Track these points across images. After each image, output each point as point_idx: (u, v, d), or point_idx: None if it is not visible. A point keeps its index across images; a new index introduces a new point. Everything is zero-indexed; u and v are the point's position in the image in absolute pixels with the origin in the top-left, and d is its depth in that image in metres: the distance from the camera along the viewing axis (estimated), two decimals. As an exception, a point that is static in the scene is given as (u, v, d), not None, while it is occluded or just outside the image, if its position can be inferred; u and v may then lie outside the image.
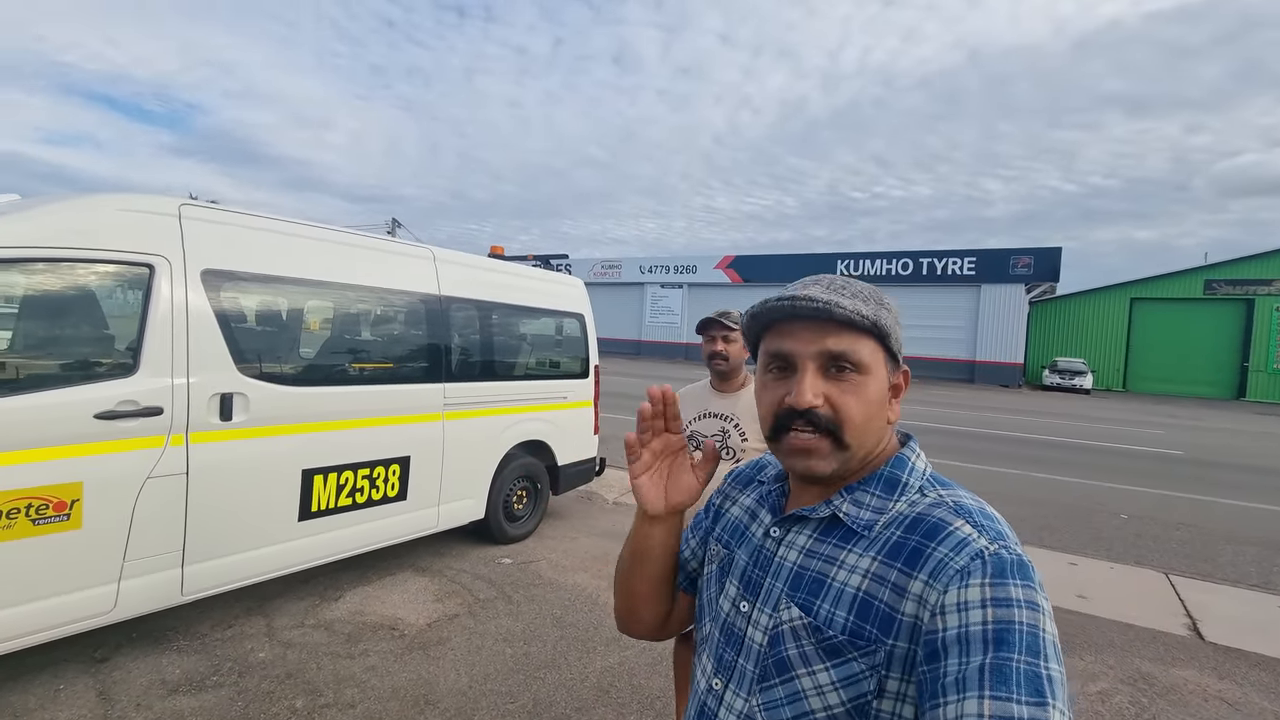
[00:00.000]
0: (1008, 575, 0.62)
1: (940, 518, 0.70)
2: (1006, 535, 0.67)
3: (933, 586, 0.64)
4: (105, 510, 2.54)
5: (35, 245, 2.42)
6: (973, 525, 0.68)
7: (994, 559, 0.63)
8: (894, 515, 0.73)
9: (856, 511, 0.75)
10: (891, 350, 0.77)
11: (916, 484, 0.76)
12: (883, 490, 0.76)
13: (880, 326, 0.74)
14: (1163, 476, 8.74)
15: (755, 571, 0.81)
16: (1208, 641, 3.67)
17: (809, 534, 0.78)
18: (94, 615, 2.55)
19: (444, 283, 4.16)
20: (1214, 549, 5.52)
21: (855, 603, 0.69)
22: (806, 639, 0.71)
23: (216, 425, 2.87)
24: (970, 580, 0.62)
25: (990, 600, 0.60)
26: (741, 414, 2.24)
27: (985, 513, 0.70)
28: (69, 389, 2.49)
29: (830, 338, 0.73)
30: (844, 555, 0.73)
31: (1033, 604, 0.60)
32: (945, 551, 0.66)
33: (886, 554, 0.70)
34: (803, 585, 0.75)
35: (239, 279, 3.05)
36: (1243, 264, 28.48)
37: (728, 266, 32.70)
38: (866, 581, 0.70)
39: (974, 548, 0.65)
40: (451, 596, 3.71)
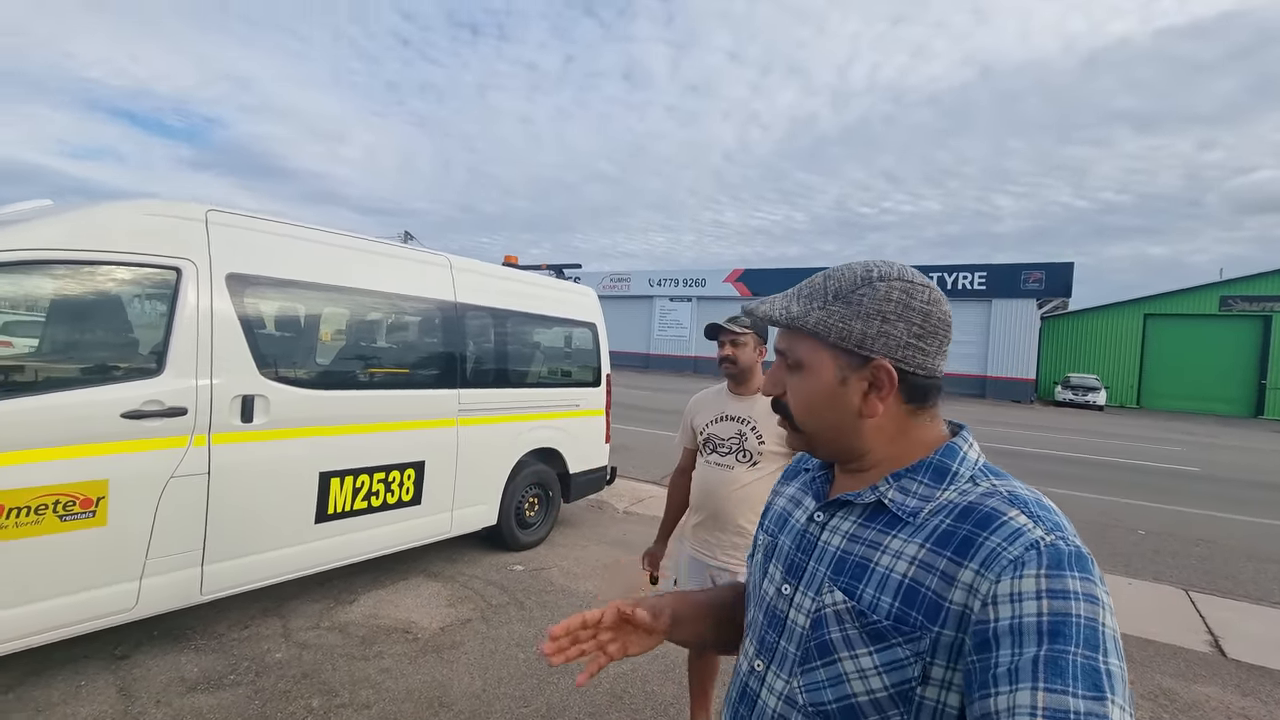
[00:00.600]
0: (1065, 567, 0.60)
1: (994, 507, 0.68)
2: (1064, 526, 0.65)
3: (984, 576, 0.63)
4: (130, 508, 2.58)
5: (67, 248, 2.48)
6: (1028, 515, 0.66)
7: (1050, 550, 0.62)
8: (942, 503, 0.72)
9: (902, 498, 0.74)
10: (838, 346, 0.76)
11: (967, 473, 0.74)
12: (930, 478, 0.75)
13: (798, 326, 0.78)
14: (1180, 493, 8.62)
15: (798, 555, 0.82)
16: (1230, 658, 3.61)
17: (853, 519, 0.78)
18: (116, 612, 2.58)
19: (460, 290, 4.21)
20: (1234, 566, 5.44)
21: (901, 589, 0.69)
22: (850, 623, 0.72)
23: (238, 426, 2.92)
24: (1025, 571, 0.61)
25: (1046, 591, 0.59)
26: (759, 417, 2.25)
27: (1042, 503, 0.69)
28: (97, 388, 2.54)
29: (781, 336, 0.83)
30: (889, 541, 0.73)
31: (1091, 597, 0.58)
32: (998, 541, 0.64)
33: (935, 541, 0.69)
34: (846, 569, 0.75)
35: (262, 283, 3.11)
36: (1259, 280, 28.18)
37: (737, 280, 32.75)
38: (913, 568, 0.69)
39: (1029, 538, 0.63)
40: (464, 601, 3.71)
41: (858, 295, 0.76)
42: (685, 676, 2.75)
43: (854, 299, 0.76)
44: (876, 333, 0.74)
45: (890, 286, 0.75)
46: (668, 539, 2.59)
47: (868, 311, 0.75)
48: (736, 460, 2.25)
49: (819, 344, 0.77)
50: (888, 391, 0.75)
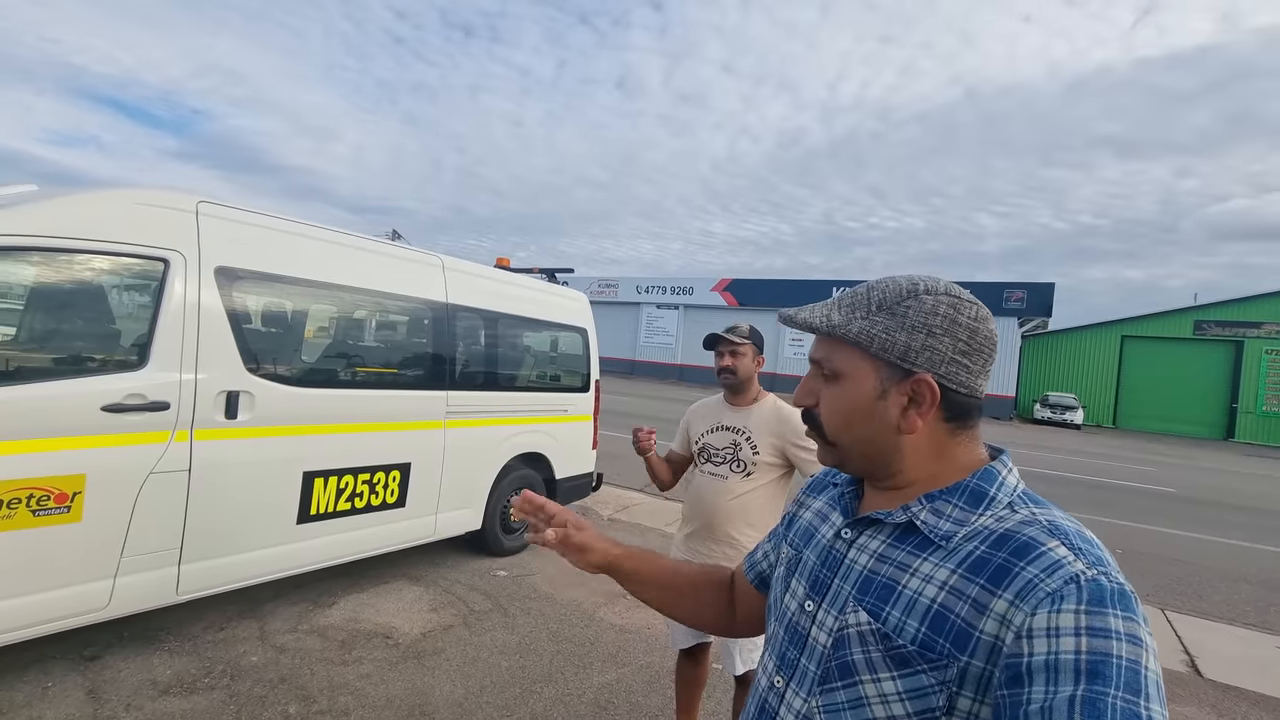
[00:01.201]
0: (1108, 604, 0.57)
1: (1032, 536, 0.65)
2: (1107, 561, 0.63)
3: (1019, 608, 0.60)
4: (106, 504, 2.50)
5: (53, 235, 2.41)
6: (1069, 547, 0.63)
7: (1091, 585, 0.59)
8: (977, 528, 0.70)
9: (935, 521, 0.72)
10: (883, 359, 0.74)
11: (1005, 499, 0.72)
12: (966, 502, 0.72)
13: (841, 335, 0.76)
14: (1156, 513, 8.76)
15: (823, 572, 0.80)
16: (1206, 679, 3.66)
17: (882, 539, 0.76)
18: (87, 611, 2.50)
19: (452, 291, 4.17)
20: (1209, 587, 5.53)
21: (929, 614, 0.67)
22: (874, 645, 0.69)
23: (221, 423, 2.85)
24: (1063, 605, 0.58)
25: (1085, 629, 0.56)
26: (754, 428, 2.25)
27: (1084, 535, 0.66)
28: (77, 380, 2.47)
29: (817, 345, 0.81)
30: (919, 564, 0.71)
31: (1135, 638, 0.56)
32: (1035, 572, 0.62)
33: (968, 568, 0.67)
34: (872, 589, 0.73)
35: (252, 278, 3.05)
36: (1232, 306, 28.89)
37: (724, 289, 32.88)
38: (943, 593, 0.67)
39: (1069, 571, 0.60)
40: (446, 607, 3.66)
41: (903, 307, 0.75)
42: (672, 688, 2.72)
43: (899, 310, 0.75)
44: (921, 346, 0.73)
45: (937, 300, 0.74)
46: None
47: (913, 324, 0.73)
48: (731, 470, 2.25)
49: (860, 354, 0.76)
50: (928, 407, 0.74)
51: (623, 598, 4.00)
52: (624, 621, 3.68)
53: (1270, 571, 6.19)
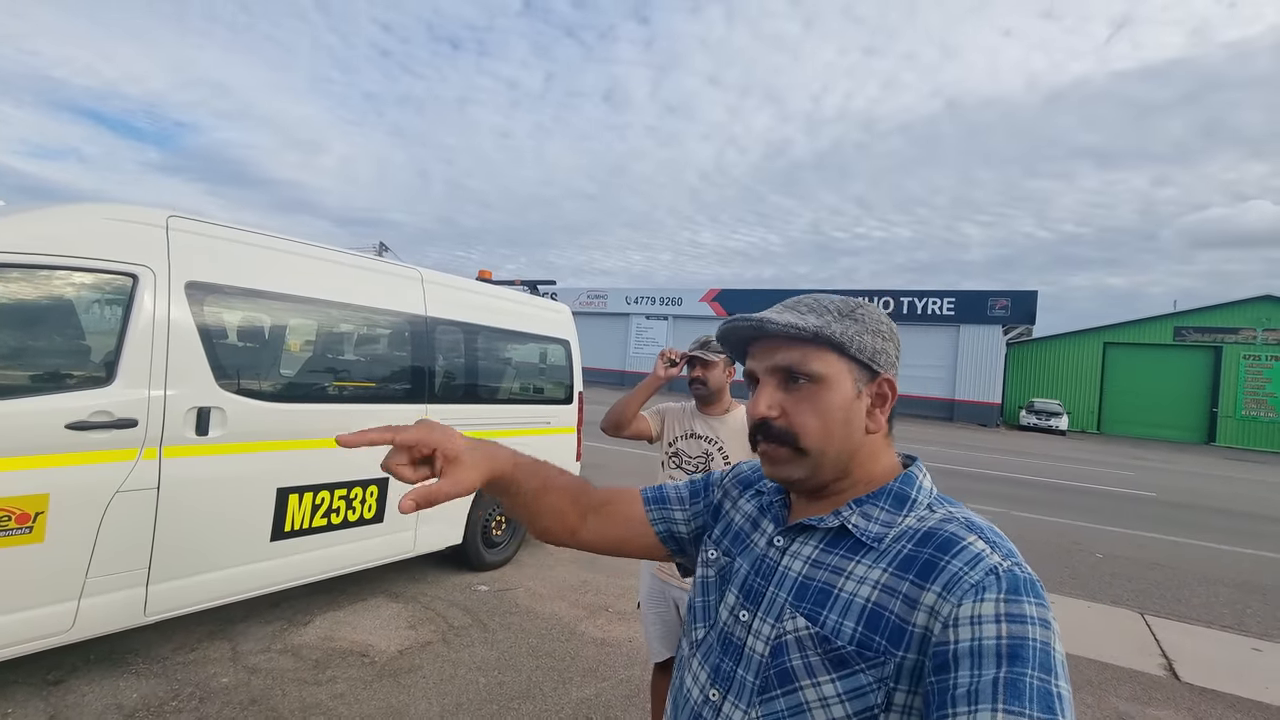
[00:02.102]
0: (1022, 593, 0.62)
1: (953, 532, 0.70)
2: (1017, 554, 0.68)
3: (946, 599, 0.64)
4: (70, 524, 2.46)
5: (17, 251, 2.39)
6: (985, 541, 0.68)
7: (1008, 575, 0.64)
8: (903, 529, 0.73)
9: (865, 524, 0.75)
10: (859, 360, 0.77)
11: (925, 501, 0.77)
12: (892, 505, 0.76)
13: (827, 336, 0.75)
14: (1136, 517, 8.85)
15: (757, 580, 0.81)
16: (1184, 682, 3.68)
17: (815, 544, 0.78)
18: (50, 635, 2.45)
19: (430, 304, 4.15)
20: (1188, 590, 5.58)
21: (864, 613, 0.69)
22: (813, 649, 0.70)
23: (192, 439, 2.81)
24: (985, 595, 0.62)
25: (1005, 615, 0.60)
26: (726, 438, 2.25)
27: (995, 530, 0.71)
28: (41, 398, 2.43)
29: (780, 352, 0.78)
30: (852, 566, 0.73)
31: (1045, 622, 0.60)
32: (959, 565, 0.66)
33: (898, 566, 0.70)
34: (808, 595, 0.74)
35: (223, 292, 3.03)
36: (1211, 312, 29.40)
37: (713, 300, 33.02)
38: (876, 592, 0.69)
39: (988, 563, 0.65)
40: (425, 623, 3.61)
41: (860, 313, 0.79)
42: (649, 702, 2.70)
43: (858, 316, 0.79)
44: (879, 349, 0.78)
45: (877, 309, 0.81)
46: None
47: (873, 329, 0.79)
48: None
49: (836, 357, 0.77)
50: (888, 407, 0.79)
51: (605, 611, 3.98)
52: (605, 635, 3.66)
53: (1247, 574, 6.26)
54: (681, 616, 2.35)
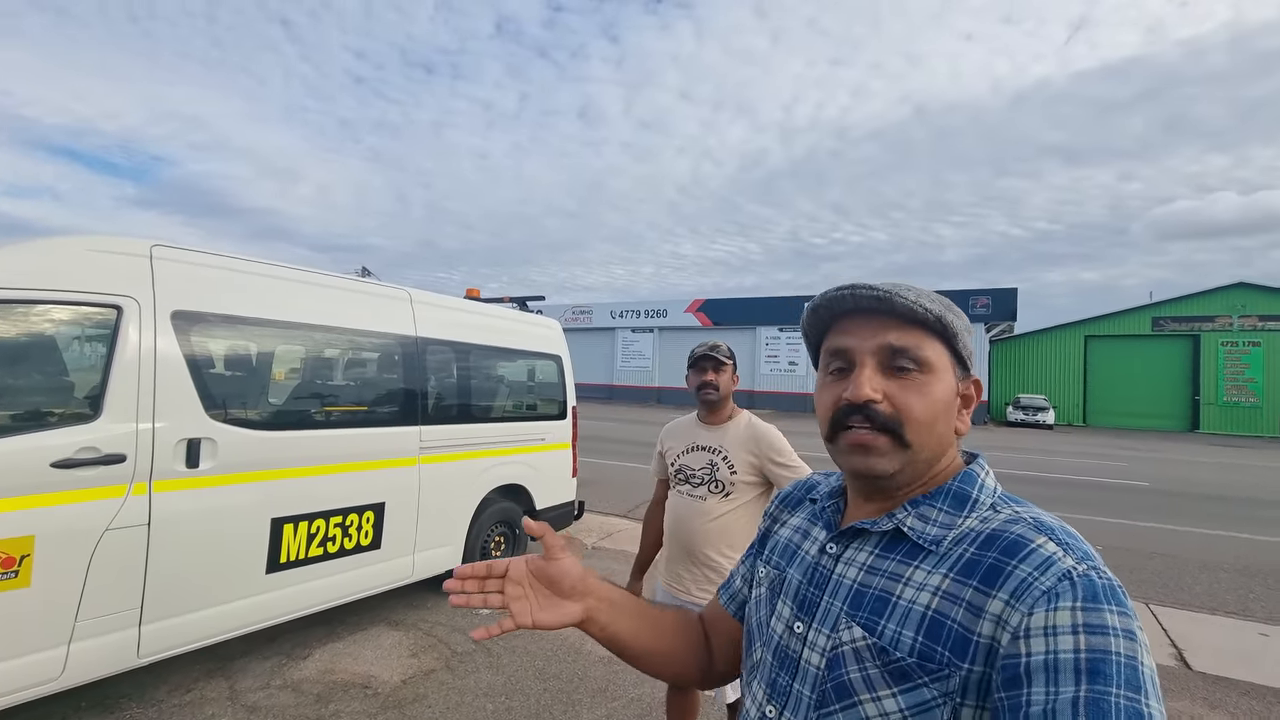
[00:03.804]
0: (1102, 600, 0.57)
1: (1020, 534, 0.65)
2: (1094, 557, 0.62)
3: (1015, 608, 0.59)
4: (58, 566, 2.36)
5: None
6: (1057, 543, 0.63)
7: (1084, 581, 0.58)
8: (964, 531, 0.69)
9: (923, 526, 0.70)
10: (960, 354, 0.74)
11: (988, 500, 0.72)
12: (951, 505, 0.71)
13: (945, 324, 0.71)
14: (1132, 507, 8.91)
15: (810, 590, 0.76)
16: (1196, 671, 3.68)
17: (870, 549, 0.73)
18: (39, 683, 2.34)
19: (421, 324, 4.10)
20: (1189, 577, 5.60)
21: (925, 622, 0.64)
22: (871, 661, 0.66)
23: (182, 473, 2.73)
24: (1059, 603, 0.57)
25: (1083, 626, 0.55)
26: (729, 446, 2.22)
27: (1068, 531, 0.66)
28: (24, 436, 2.34)
29: (892, 332, 0.72)
30: (910, 572, 0.68)
31: (1130, 633, 0.55)
32: (1028, 570, 0.61)
33: (960, 571, 0.65)
34: (865, 604, 0.69)
35: (210, 321, 2.96)
36: (1186, 301, 29.96)
37: (698, 310, 33.12)
38: (937, 599, 0.64)
39: (1061, 567, 0.60)
40: (428, 651, 3.52)
41: (957, 309, 0.75)
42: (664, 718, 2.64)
43: (957, 312, 0.75)
44: (970, 349, 0.76)
45: (962, 312, 0.77)
46: (643, 575, 2.50)
47: (967, 327, 0.76)
48: (709, 491, 2.21)
49: (944, 349, 0.73)
50: (972, 408, 0.77)
51: (610, 628, 3.91)
52: (611, 654, 3.58)
53: (1245, 558, 6.31)
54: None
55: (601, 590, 0.87)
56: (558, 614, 0.82)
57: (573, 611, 0.83)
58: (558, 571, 0.82)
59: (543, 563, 0.83)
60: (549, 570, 0.83)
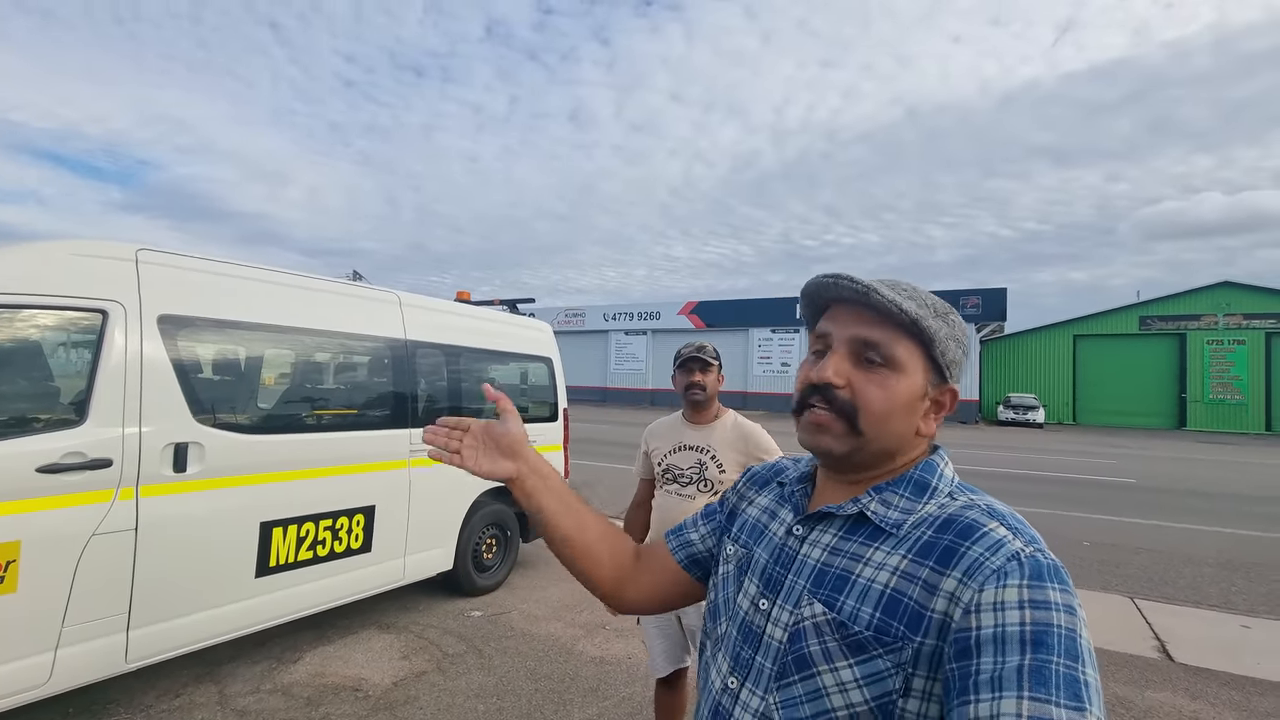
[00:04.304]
0: (1045, 578, 0.61)
1: (974, 519, 0.69)
2: (1040, 540, 0.67)
3: (967, 585, 0.63)
4: (44, 571, 2.36)
5: (-20, 291, 2.31)
6: (1007, 528, 0.67)
7: (1031, 561, 0.63)
8: (923, 516, 0.73)
9: (885, 510, 0.75)
10: (936, 360, 0.76)
11: (946, 489, 0.76)
12: (912, 492, 0.76)
13: (921, 327, 0.73)
14: (1119, 504, 9.00)
15: (776, 569, 0.80)
16: (1178, 663, 3.73)
17: (834, 532, 0.77)
18: (26, 689, 2.34)
19: (410, 327, 4.11)
20: (1174, 572, 5.68)
21: (883, 599, 0.68)
22: (830, 635, 0.70)
23: (169, 477, 2.73)
24: (1008, 581, 0.61)
25: (1029, 602, 0.60)
26: (717, 445, 2.25)
27: (1017, 517, 0.71)
28: (9, 442, 2.34)
29: (868, 326, 0.75)
30: (871, 553, 0.72)
31: (1070, 608, 0.60)
32: (981, 551, 0.65)
33: (917, 552, 0.69)
34: (826, 582, 0.74)
35: (198, 325, 2.96)
36: (1173, 301, 30.31)
37: (691, 312, 33.19)
38: (895, 578, 0.69)
39: (1010, 549, 0.64)
40: (419, 653, 3.53)
41: (951, 318, 0.78)
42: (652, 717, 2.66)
43: (950, 320, 0.77)
44: (955, 359, 0.78)
45: (963, 321, 0.80)
46: None
47: (957, 337, 0.78)
48: (698, 490, 2.23)
49: (919, 351, 0.76)
50: (943, 415, 0.79)
51: (602, 629, 3.92)
52: (603, 653, 3.60)
53: (1229, 552, 6.40)
54: (683, 628, 2.32)
55: (534, 460, 0.95)
56: (493, 466, 0.92)
57: (507, 467, 0.93)
58: (501, 431, 0.94)
59: (493, 423, 0.95)
60: (494, 429, 0.94)
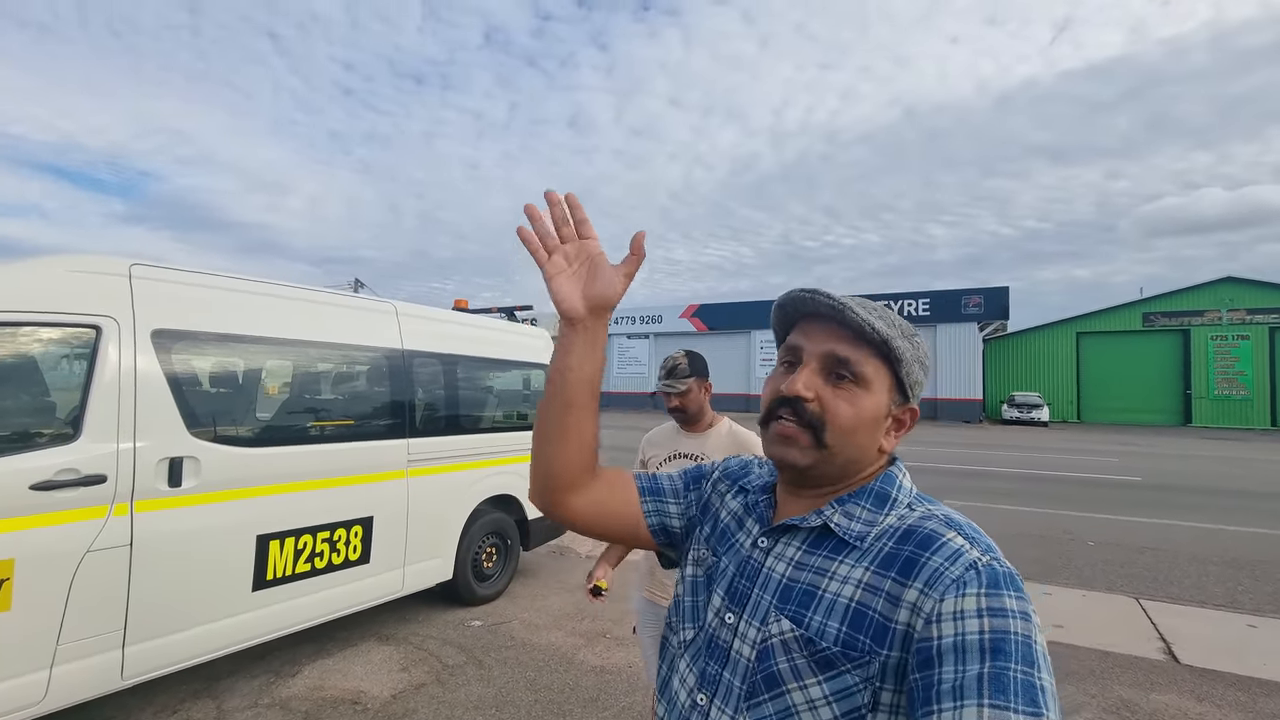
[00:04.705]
0: (1002, 586, 0.63)
1: (933, 529, 0.70)
2: (996, 549, 0.69)
3: (928, 595, 0.64)
4: (38, 589, 2.35)
5: (-28, 309, 2.32)
6: (965, 537, 0.69)
7: (988, 570, 0.64)
8: (884, 528, 0.74)
9: (848, 523, 0.75)
10: (902, 380, 0.78)
11: (905, 500, 0.77)
12: (873, 504, 0.77)
13: (891, 347, 0.75)
14: (1124, 503, 8.95)
15: (742, 582, 0.80)
16: (1183, 664, 3.70)
17: (798, 545, 0.78)
18: (21, 708, 2.33)
19: (407, 337, 4.11)
20: (1179, 571, 5.63)
21: (848, 613, 0.69)
22: (798, 652, 0.70)
23: (164, 492, 2.73)
24: (966, 590, 0.63)
25: (986, 610, 0.61)
26: (711, 452, 2.23)
27: (974, 526, 0.72)
28: (2, 459, 2.34)
29: (839, 343, 0.77)
30: (835, 566, 0.73)
31: (1025, 615, 0.61)
32: (940, 561, 0.66)
33: (879, 564, 0.70)
34: (793, 597, 0.74)
35: (192, 338, 2.96)
36: (1176, 297, 30.22)
37: (693, 315, 33.21)
38: (859, 592, 0.70)
39: (968, 558, 0.66)
40: (418, 664, 3.51)
41: (916, 340, 0.80)
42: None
43: (914, 343, 0.79)
44: (917, 380, 0.80)
45: (925, 344, 0.81)
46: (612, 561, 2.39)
47: (920, 360, 0.80)
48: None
49: (886, 370, 0.77)
50: (903, 434, 0.81)
51: (603, 637, 3.91)
52: (603, 662, 3.58)
53: (1234, 550, 6.35)
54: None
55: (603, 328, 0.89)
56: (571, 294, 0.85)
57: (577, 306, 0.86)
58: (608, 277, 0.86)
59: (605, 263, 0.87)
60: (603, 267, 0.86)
